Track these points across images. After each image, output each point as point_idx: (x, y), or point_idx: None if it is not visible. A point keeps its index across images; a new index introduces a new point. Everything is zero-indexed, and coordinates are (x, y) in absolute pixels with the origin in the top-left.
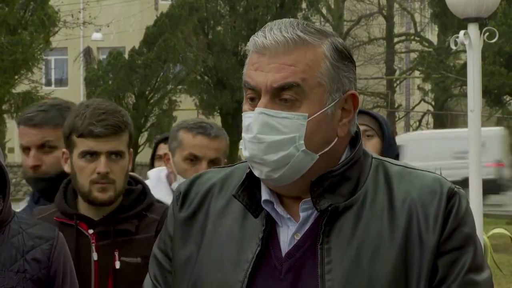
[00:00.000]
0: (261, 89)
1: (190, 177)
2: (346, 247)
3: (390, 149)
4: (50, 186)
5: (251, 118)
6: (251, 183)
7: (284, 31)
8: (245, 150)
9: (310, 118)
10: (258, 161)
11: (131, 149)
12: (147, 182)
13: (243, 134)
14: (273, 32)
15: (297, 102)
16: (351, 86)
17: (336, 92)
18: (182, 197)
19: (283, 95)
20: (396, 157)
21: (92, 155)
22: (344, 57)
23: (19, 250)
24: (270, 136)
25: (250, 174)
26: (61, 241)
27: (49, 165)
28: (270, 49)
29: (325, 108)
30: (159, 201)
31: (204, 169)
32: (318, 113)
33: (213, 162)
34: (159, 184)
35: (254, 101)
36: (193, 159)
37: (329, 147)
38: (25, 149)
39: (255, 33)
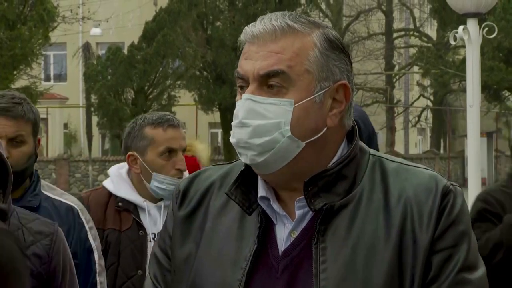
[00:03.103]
0: (249, 77)
1: (190, 175)
2: (341, 247)
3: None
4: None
5: (238, 105)
6: (245, 181)
7: (274, 20)
8: (232, 137)
9: (296, 105)
10: (243, 145)
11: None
12: (107, 180)
13: (232, 122)
14: (263, 22)
15: (283, 89)
16: (343, 76)
17: (325, 81)
18: (181, 195)
19: (270, 82)
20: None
21: None
22: (335, 47)
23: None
24: (256, 121)
25: (245, 172)
26: (60, 236)
27: (16, 159)
28: (258, 38)
29: (313, 96)
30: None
31: (181, 159)
32: (305, 100)
33: (184, 151)
34: (121, 181)
35: (243, 89)
36: (170, 152)
37: (317, 136)
38: None
39: (248, 25)
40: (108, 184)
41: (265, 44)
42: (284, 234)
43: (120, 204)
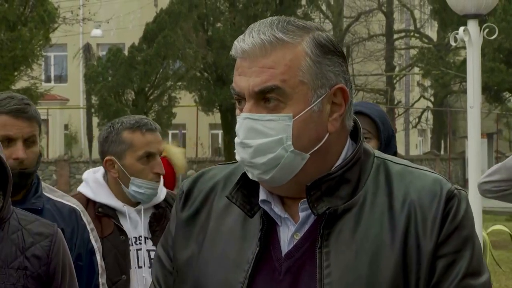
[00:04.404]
0: (245, 94)
1: (194, 175)
2: (345, 251)
3: (387, 148)
4: (24, 180)
5: (238, 123)
6: (247, 183)
7: (262, 33)
8: (237, 155)
9: (295, 118)
10: (248, 164)
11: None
12: (82, 185)
13: (235, 139)
14: (252, 36)
15: (281, 104)
16: (338, 79)
17: (321, 88)
18: (185, 196)
19: (266, 98)
20: (394, 154)
21: None
22: (327, 51)
23: (19, 247)
24: (257, 140)
25: (246, 175)
26: (60, 238)
27: (30, 160)
28: (249, 53)
29: (311, 106)
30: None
31: (159, 163)
32: (303, 111)
33: (160, 154)
34: (99, 187)
35: (241, 103)
36: (148, 156)
37: (320, 144)
38: (5, 141)
39: (238, 38)
40: (85, 190)
41: (256, 60)
42: (288, 236)
43: (100, 209)
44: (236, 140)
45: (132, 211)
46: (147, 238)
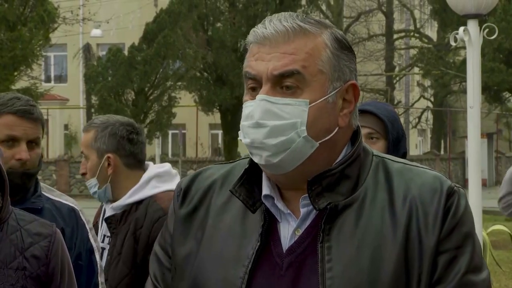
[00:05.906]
0: (262, 78)
1: (191, 174)
2: (347, 245)
3: (395, 148)
4: (26, 181)
5: (252, 106)
6: (249, 179)
7: (284, 21)
8: (244, 137)
9: (312, 105)
10: (258, 145)
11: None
12: None
13: (242, 123)
14: (273, 23)
15: (298, 90)
16: (352, 76)
17: (337, 81)
18: (183, 193)
19: (284, 83)
20: (403, 155)
21: None
22: (344, 46)
23: (18, 247)
24: (272, 121)
25: (249, 170)
26: (58, 238)
27: (33, 162)
28: (270, 39)
29: (327, 96)
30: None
31: (84, 163)
32: (320, 100)
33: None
34: None
35: (255, 90)
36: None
37: (330, 136)
38: (9, 141)
39: (256, 25)
40: None
41: (278, 46)
42: (289, 232)
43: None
44: (248, 122)
45: (108, 207)
46: (106, 236)
